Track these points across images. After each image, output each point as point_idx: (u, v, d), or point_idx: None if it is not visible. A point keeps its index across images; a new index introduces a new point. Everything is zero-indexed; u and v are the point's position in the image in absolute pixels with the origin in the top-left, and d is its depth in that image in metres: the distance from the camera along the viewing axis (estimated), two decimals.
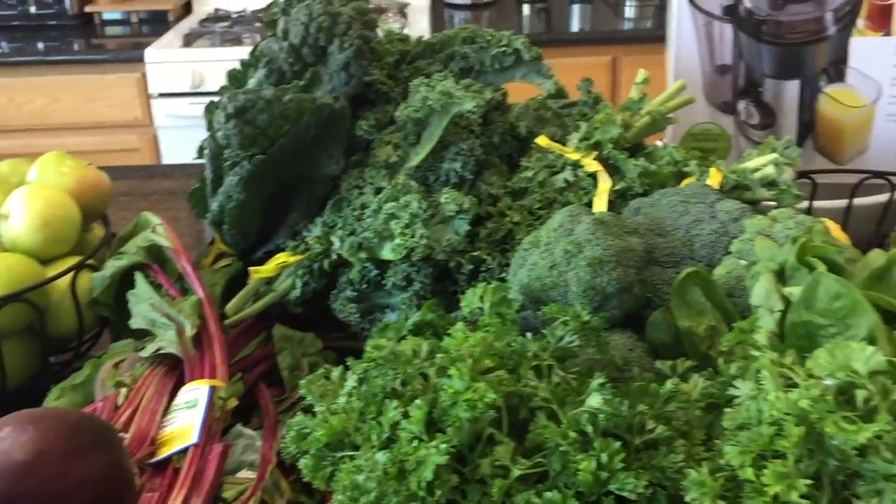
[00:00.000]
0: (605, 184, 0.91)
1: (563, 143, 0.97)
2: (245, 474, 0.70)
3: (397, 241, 0.78)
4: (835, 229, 0.87)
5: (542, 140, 0.98)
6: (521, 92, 1.06)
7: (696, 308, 0.75)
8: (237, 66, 0.94)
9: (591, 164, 0.93)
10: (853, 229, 1.13)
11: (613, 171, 0.94)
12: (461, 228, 0.81)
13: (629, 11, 3.06)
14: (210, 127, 0.89)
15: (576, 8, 3.19)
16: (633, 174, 0.91)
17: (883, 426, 0.48)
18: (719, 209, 0.84)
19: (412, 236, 0.78)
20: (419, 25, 2.96)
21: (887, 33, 1.10)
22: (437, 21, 3.07)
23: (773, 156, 0.90)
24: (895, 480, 0.47)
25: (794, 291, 0.67)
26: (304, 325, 0.91)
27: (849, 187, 1.10)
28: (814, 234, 0.73)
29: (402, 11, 3.08)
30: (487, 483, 0.53)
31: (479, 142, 0.94)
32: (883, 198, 1.11)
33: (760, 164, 0.90)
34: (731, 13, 1.13)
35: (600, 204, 0.90)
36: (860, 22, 1.10)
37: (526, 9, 3.21)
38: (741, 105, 1.18)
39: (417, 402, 0.55)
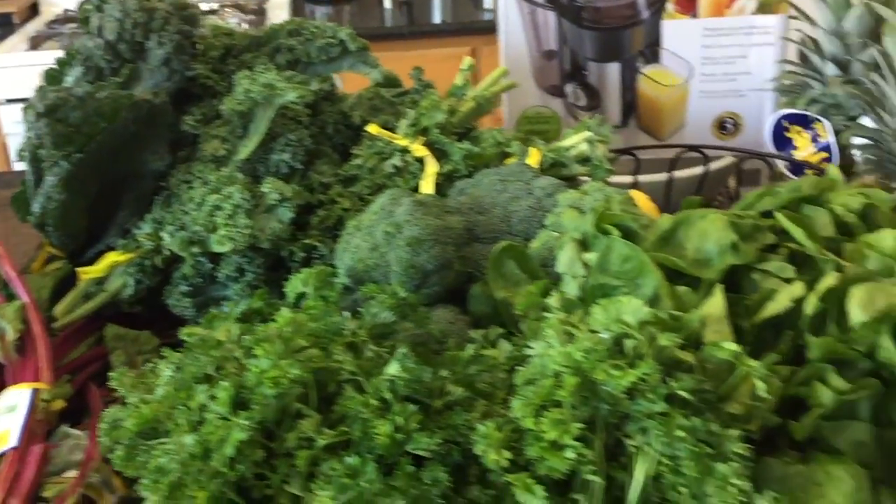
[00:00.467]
0: (431, 167, 0.95)
1: (394, 131, 1.00)
2: (71, 474, 0.69)
3: (221, 231, 0.79)
4: (643, 200, 0.94)
5: (372, 128, 1.00)
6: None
7: (512, 279, 0.80)
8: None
9: (418, 149, 0.96)
10: (675, 199, 1.21)
11: (441, 154, 0.97)
12: (285, 217, 0.82)
13: (488, 2, 3.13)
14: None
15: (437, 0, 3.24)
16: (459, 157, 0.95)
17: (645, 370, 0.53)
18: (535, 186, 0.89)
19: (235, 226, 0.79)
20: (279, 17, 2.93)
21: (694, 15, 1.18)
22: (298, 17, 3.05)
23: (587, 133, 0.96)
24: (657, 418, 0.52)
25: (591, 257, 0.72)
26: (142, 323, 0.91)
27: (669, 161, 1.18)
28: (613, 203, 0.78)
29: (260, 8, 3.05)
30: (294, 455, 0.55)
31: (309, 132, 0.95)
32: (699, 169, 1.19)
33: (575, 142, 0.96)
34: (553, 1, 1.18)
35: (427, 187, 0.93)
36: (669, 6, 1.17)
37: (387, 2, 3.23)
38: (569, 88, 1.24)
39: (223, 383, 0.56)
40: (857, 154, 1.05)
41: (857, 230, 0.75)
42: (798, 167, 1.13)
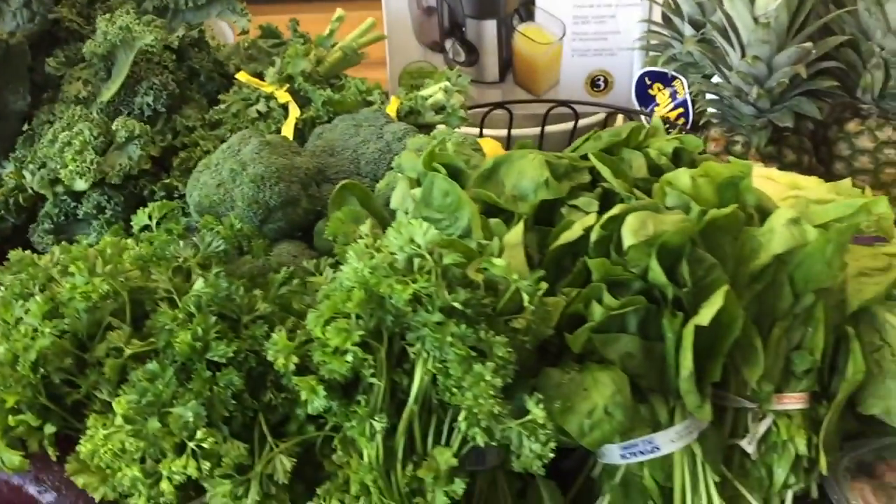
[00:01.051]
0: (293, 113, 0.98)
1: (264, 79, 1.04)
2: None
3: (70, 167, 0.82)
4: (491, 146, 0.99)
5: (241, 75, 1.03)
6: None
7: (354, 216, 0.84)
8: None
9: (282, 96, 1.00)
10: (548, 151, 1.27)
11: (306, 101, 1.01)
12: (134, 154, 0.85)
13: None
14: None
15: None
16: (320, 103, 0.98)
17: (423, 284, 0.58)
18: (387, 131, 0.93)
19: (84, 162, 0.82)
20: None
21: None
22: None
23: (444, 83, 1.00)
24: (432, 327, 0.58)
25: (417, 193, 0.77)
26: None
27: (542, 116, 1.24)
28: (447, 145, 0.83)
29: None
30: (104, 364, 0.59)
31: (174, 77, 0.98)
32: (569, 125, 1.25)
33: (432, 91, 1.00)
34: None
35: (287, 131, 0.97)
36: None
37: None
38: (448, 44, 1.28)
39: (37, 297, 0.60)
40: (707, 109, 1.12)
41: (667, 171, 0.81)
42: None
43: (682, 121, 1.17)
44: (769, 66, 1.01)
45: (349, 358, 0.56)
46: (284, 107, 0.99)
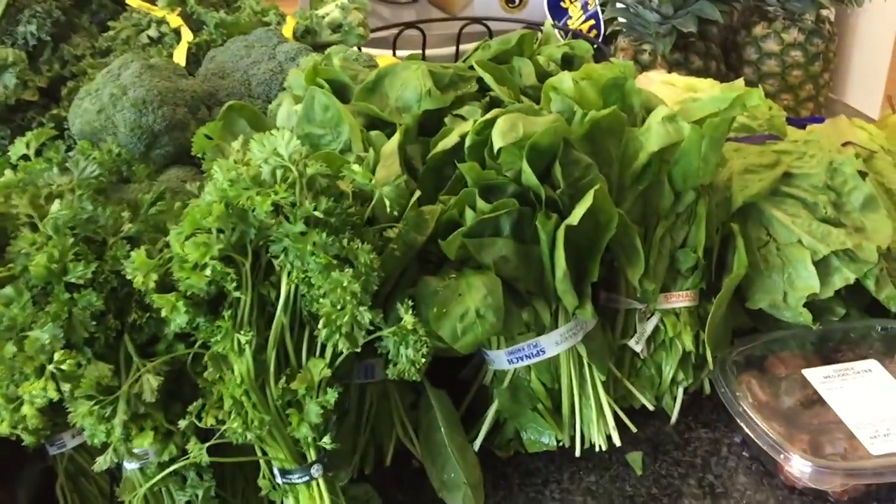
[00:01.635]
0: (185, 37, 0.95)
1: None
2: None
3: None
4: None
5: (133, 1, 1.00)
6: None
7: (226, 131, 0.83)
8: None
9: (174, 20, 0.97)
10: None
11: (200, 25, 0.98)
12: (10, 82, 0.83)
13: None
14: None
15: None
16: (212, 26, 0.96)
17: (283, 195, 0.57)
18: (279, 51, 0.91)
19: None
20: None
21: None
22: None
23: (341, 1, 0.98)
24: (293, 236, 0.57)
25: (298, 109, 0.76)
26: None
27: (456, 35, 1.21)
28: (334, 60, 0.81)
29: None
30: None
31: (59, 4, 0.95)
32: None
33: (329, 9, 0.98)
34: None
35: (179, 56, 0.94)
36: None
37: None
38: None
39: None
40: (616, 18, 1.10)
41: None
42: (573, 36, 1.18)
43: (594, 33, 1.16)
44: None
45: (208, 272, 0.56)
46: (178, 31, 0.96)
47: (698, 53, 1.05)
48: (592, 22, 1.15)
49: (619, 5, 1.08)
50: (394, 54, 1.17)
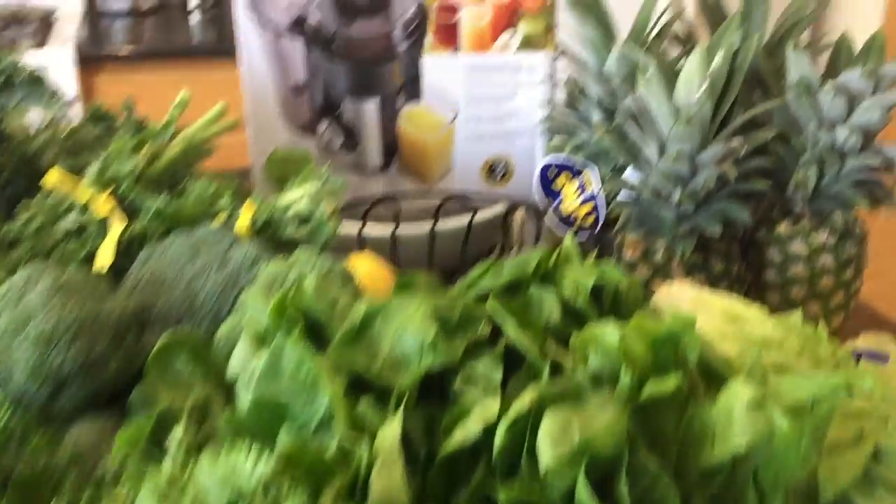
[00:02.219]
0: (115, 229, 0.77)
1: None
2: None
3: None
4: (369, 267, 0.80)
5: (52, 176, 0.82)
6: None
7: (183, 381, 0.64)
8: None
9: (102, 205, 0.79)
10: (441, 251, 1.09)
11: (134, 211, 0.80)
12: None
13: None
14: None
15: None
16: (151, 215, 0.78)
17: None
18: (233, 255, 0.73)
19: None
20: (65, 34, 2.65)
21: (456, 50, 1.07)
22: (93, 31, 2.77)
23: (308, 187, 0.81)
24: None
25: (262, 360, 0.58)
26: None
27: (434, 210, 1.06)
28: (306, 283, 0.64)
29: (46, 20, 2.75)
30: None
31: None
32: (465, 218, 1.08)
33: (294, 197, 0.81)
34: (298, 28, 1.04)
35: (105, 254, 0.76)
36: (429, 40, 1.06)
37: (194, 16, 2.99)
38: (322, 126, 1.09)
39: None
40: (621, 208, 0.97)
41: (587, 315, 0.64)
42: (567, 220, 1.04)
43: (591, 219, 1.02)
44: (692, 164, 0.87)
45: None
46: (106, 221, 0.78)
47: (719, 255, 0.92)
48: (590, 206, 1.02)
49: (625, 194, 0.94)
50: (361, 231, 1.01)
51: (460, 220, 1.08)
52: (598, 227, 1.02)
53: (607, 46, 0.97)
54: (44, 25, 2.67)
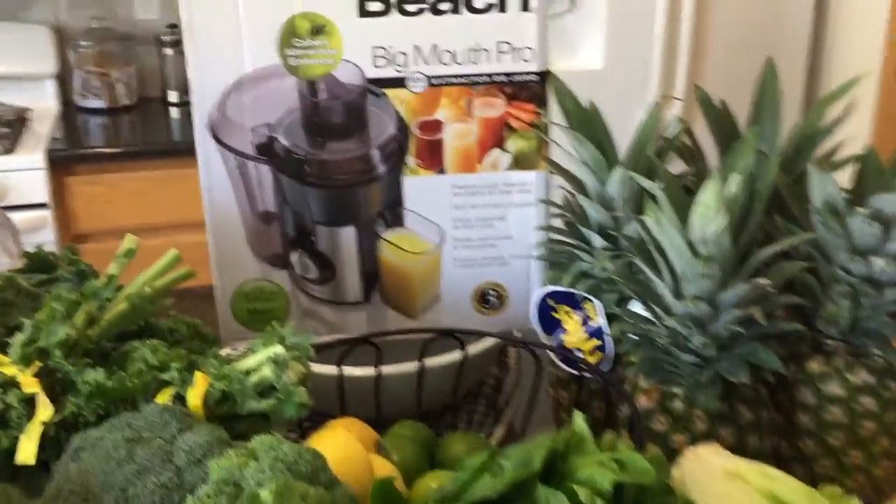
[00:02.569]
0: (42, 412, 0.66)
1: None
2: None
3: None
4: (345, 439, 0.69)
5: None
6: None
7: None
8: None
9: (27, 383, 0.67)
10: (429, 390, 0.98)
11: (68, 386, 0.69)
12: None
13: None
14: None
15: None
16: (85, 393, 0.66)
17: None
18: (180, 446, 0.61)
19: None
20: (38, 133, 2.57)
21: (441, 171, 0.97)
22: (70, 127, 2.70)
23: (273, 350, 0.70)
24: None
25: None
26: None
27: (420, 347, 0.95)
28: (264, 494, 0.52)
29: (20, 118, 2.67)
30: None
31: None
32: (456, 355, 0.96)
33: (256, 363, 0.70)
34: (266, 152, 0.94)
35: (28, 449, 0.64)
36: (411, 160, 0.96)
37: (174, 112, 2.92)
38: (294, 257, 0.99)
39: None
40: (632, 349, 0.86)
41: None
42: (570, 356, 0.93)
43: (598, 356, 0.91)
44: (713, 305, 0.76)
45: None
46: (32, 401, 0.67)
47: (747, 402, 0.80)
48: (596, 342, 0.91)
49: (635, 335, 0.83)
50: (340, 375, 0.90)
51: (451, 357, 0.97)
52: (605, 364, 0.91)
53: (607, 166, 0.88)
54: (17, 124, 2.60)
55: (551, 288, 0.93)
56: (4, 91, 2.77)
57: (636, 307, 0.84)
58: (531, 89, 0.94)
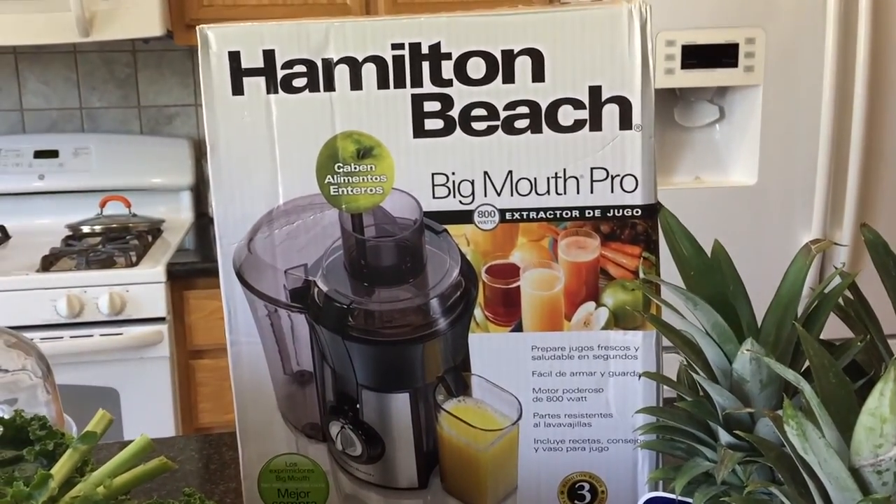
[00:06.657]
0: None
1: None
2: None
3: None
4: None
5: None
6: None
7: None
8: None
9: None
10: None
11: None
12: None
13: None
14: None
15: None
16: None
17: None
18: None
19: None
20: (172, 243, 2.58)
21: (518, 328, 0.76)
22: (201, 239, 2.70)
23: None
24: None
25: None
26: None
27: None
28: None
29: (154, 229, 2.71)
30: None
31: None
32: None
33: None
34: (301, 299, 0.77)
35: None
36: (479, 313, 0.76)
37: None
38: (334, 429, 0.80)
39: None
40: None
41: None
42: None
43: None
44: None
45: None
46: None
47: None
48: None
49: None
50: None
51: None
52: None
53: (735, 337, 0.64)
54: (146, 236, 2.62)
55: (657, 494, 0.68)
56: (142, 203, 2.83)
57: None
58: (634, 227, 0.73)
